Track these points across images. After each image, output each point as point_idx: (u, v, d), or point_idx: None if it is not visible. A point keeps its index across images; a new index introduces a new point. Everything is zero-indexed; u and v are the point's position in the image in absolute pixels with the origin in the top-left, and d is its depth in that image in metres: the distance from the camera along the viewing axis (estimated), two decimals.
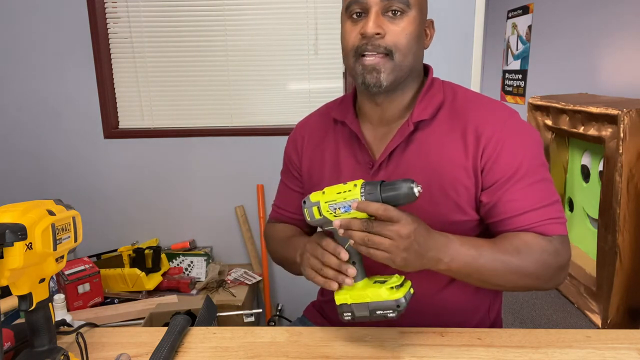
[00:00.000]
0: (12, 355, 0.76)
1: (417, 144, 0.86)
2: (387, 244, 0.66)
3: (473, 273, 0.75)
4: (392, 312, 0.69)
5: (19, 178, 2.23)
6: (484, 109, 0.86)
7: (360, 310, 0.71)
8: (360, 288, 0.71)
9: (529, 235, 0.80)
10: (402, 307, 0.68)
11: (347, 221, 0.68)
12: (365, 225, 0.67)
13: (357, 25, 0.82)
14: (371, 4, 0.80)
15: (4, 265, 0.60)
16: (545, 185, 0.83)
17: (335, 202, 0.70)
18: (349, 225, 0.68)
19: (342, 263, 0.72)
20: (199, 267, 2.13)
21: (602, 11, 2.79)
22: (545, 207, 0.81)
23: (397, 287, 0.70)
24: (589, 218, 2.51)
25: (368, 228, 0.66)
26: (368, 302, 0.70)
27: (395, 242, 0.66)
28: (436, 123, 0.86)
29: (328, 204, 0.71)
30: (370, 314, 0.70)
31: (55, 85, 2.13)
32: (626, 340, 0.77)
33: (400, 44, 0.81)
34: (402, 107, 0.89)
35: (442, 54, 1.99)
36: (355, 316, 0.71)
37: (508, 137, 0.82)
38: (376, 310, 0.69)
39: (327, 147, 0.95)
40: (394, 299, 0.68)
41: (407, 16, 0.81)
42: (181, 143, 2.18)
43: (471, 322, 0.91)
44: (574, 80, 3.13)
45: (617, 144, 2.03)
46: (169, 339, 0.78)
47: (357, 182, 0.70)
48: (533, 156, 0.83)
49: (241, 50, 2.10)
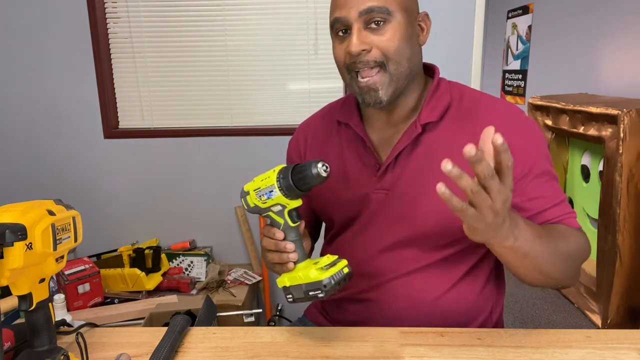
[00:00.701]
0: (12, 355, 0.76)
1: (425, 146, 0.85)
2: (487, 204, 0.57)
3: (529, 255, 0.70)
4: (320, 292, 0.69)
5: (19, 178, 2.23)
6: (493, 108, 0.85)
7: (297, 292, 0.72)
8: (298, 269, 0.73)
9: (561, 225, 0.81)
10: (330, 287, 0.68)
11: (459, 173, 0.56)
12: (489, 173, 0.56)
13: (344, 43, 0.82)
14: (352, 20, 0.79)
15: (4, 265, 0.60)
16: (557, 183, 0.85)
17: (260, 189, 0.72)
18: (476, 167, 0.56)
19: (278, 242, 0.73)
20: (199, 267, 2.13)
21: (602, 11, 2.79)
22: (561, 203, 0.83)
23: (326, 267, 0.70)
24: (589, 218, 2.51)
25: (487, 177, 0.56)
26: (302, 283, 0.71)
27: (496, 205, 0.58)
28: (444, 124, 0.85)
29: (255, 192, 0.73)
30: (304, 295, 0.71)
31: (55, 85, 2.13)
32: (626, 340, 0.77)
33: (390, 53, 0.79)
34: (408, 110, 0.88)
35: (442, 54, 1.99)
36: (295, 297, 0.73)
37: (520, 136, 0.82)
38: (309, 291, 0.70)
39: (332, 149, 0.95)
40: (321, 279, 0.68)
41: (390, 24, 0.79)
42: (181, 143, 2.18)
43: (474, 324, 0.91)
44: (574, 80, 3.13)
45: (617, 144, 2.03)
46: (169, 339, 0.78)
47: (276, 168, 0.71)
48: (544, 154, 0.84)
49: (241, 50, 2.10)
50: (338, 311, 0.98)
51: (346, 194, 0.90)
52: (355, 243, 0.91)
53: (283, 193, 0.70)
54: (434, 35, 2.08)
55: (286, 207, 0.72)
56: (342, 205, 0.92)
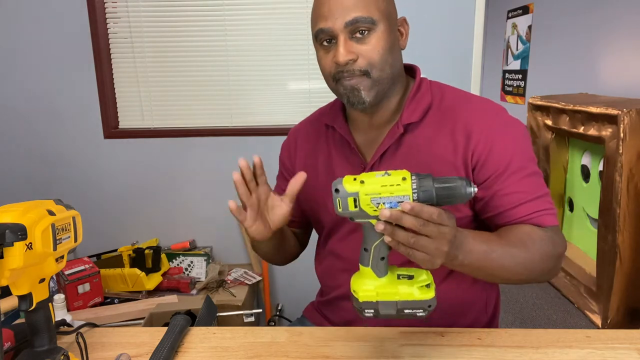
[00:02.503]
0: (12, 355, 0.76)
1: (407, 146, 0.87)
2: (432, 248, 0.61)
3: (483, 267, 0.73)
4: (422, 311, 0.64)
5: (19, 178, 2.23)
6: (472, 107, 0.87)
7: (386, 309, 0.65)
8: (386, 284, 0.65)
9: (527, 227, 0.81)
10: (433, 306, 0.64)
11: (398, 216, 0.59)
12: (421, 224, 0.59)
13: (330, 53, 0.84)
14: (337, 31, 0.80)
15: (4, 265, 0.60)
16: (536, 178, 0.85)
17: (380, 196, 0.61)
18: (399, 221, 0.60)
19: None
20: (199, 267, 2.13)
21: (602, 11, 2.79)
22: (537, 198, 0.83)
23: (427, 286, 0.65)
24: (589, 218, 2.51)
25: (421, 229, 0.59)
26: (397, 300, 0.64)
27: (439, 244, 0.62)
28: (425, 124, 0.87)
29: (370, 196, 0.62)
30: (397, 313, 0.65)
31: (56, 85, 2.13)
32: (626, 340, 0.77)
33: (374, 62, 0.81)
34: (390, 112, 0.90)
35: (442, 54, 1.99)
36: (379, 314, 0.66)
37: (498, 133, 0.83)
38: (404, 309, 0.64)
39: (321, 151, 0.97)
40: (427, 298, 0.63)
41: (375, 32, 0.81)
42: (181, 143, 2.18)
43: (468, 317, 0.92)
44: (574, 80, 3.13)
45: (617, 144, 2.03)
46: (169, 339, 0.78)
47: (402, 172, 0.62)
48: (523, 150, 0.85)
49: (241, 50, 2.10)
50: (334, 310, 1.00)
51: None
52: (347, 242, 0.93)
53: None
54: (434, 35, 2.09)
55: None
56: (330, 205, 0.92)
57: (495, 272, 0.75)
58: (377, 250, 0.65)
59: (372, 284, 0.65)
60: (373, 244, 0.64)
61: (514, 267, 0.76)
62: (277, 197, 0.83)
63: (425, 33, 1.96)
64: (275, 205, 0.83)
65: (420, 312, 0.64)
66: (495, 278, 0.79)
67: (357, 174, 0.89)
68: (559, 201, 2.72)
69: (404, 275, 0.66)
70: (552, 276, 0.84)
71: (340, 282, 0.95)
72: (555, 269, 0.83)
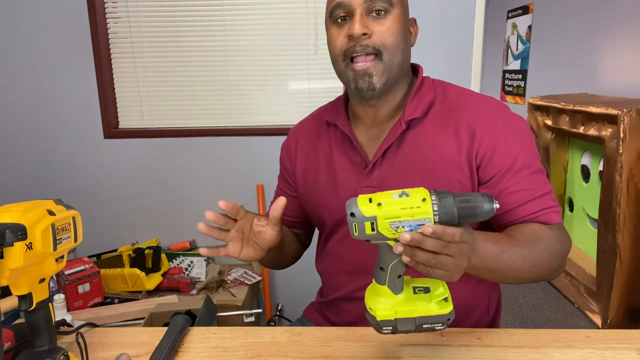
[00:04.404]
0: (12, 355, 0.76)
1: (410, 142, 0.86)
2: (452, 265, 0.60)
3: (494, 269, 0.72)
4: (441, 325, 0.63)
5: (19, 178, 2.23)
6: (475, 104, 0.87)
7: (405, 325, 0.63)
8: (403, 301, 0.63)
9: (534, 225, 0.81)
10: (452, 319, 0.63)
11: (420, 239, 0.57)
12: (442, 246, 0.58)
13: (343, 29, 0.83)
14: (355, 5, 0.81)
15: (4, 265, 0.60)
16: (541, 175, 0.85)
17: (400, 220, 0.58)
18: (420, 244, 0.58)
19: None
20: (199, 267, 2.13)
21: (602, 11, 2.79)
22: (543, 196, 0.83)
23: (445, 299, 0.63)
24: (589, 218, 2.51)
25: (442, 250, 0.58)
26: (415, 317, 0.63)
27: (459, 261, 0.61)
28: (428, 121, 0.87)
29: (389, 220, 0.58)
30: (416, 328, 0.63)
31: (56, 85, 2.13)
32: (626, 340, 0.77)
33: (388, 43, 0.82)
34: (394, 107, 0.90)
35: (442, 54, 1.99)
36: (397, 330, 0.64)
37: (502, 131, 0.83)
38: (423, 324, 0.63)
39: (322, 149, 0.96)
40: (446, 312, 0.62)
41: (391, 15, 0.82)
42: (181, 143, 2.18)
43: (471, 319, 0.92)
44: (574, 80, 3.13)
45: (617, 144, 2.03)
46: (169, 339, 0.78)
47: (421, 192, 0.59)
48: (527, 147, 0.85)
49: (241, 50, 2.10)
50: (335, 311, 0.99)
51: (335, 192, 0.92)
52: (348, 243, 0.92)
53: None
54: (434, 35, 2.08)
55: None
56: (331, 204, 0.92)
57: (506, 273, 0.75)
58: (394, 269, 0.63)
59: (390, 302, 0.63)
60: (390, 263, 0.62)
61: (525, 267, 0.76)
62: (262, 222, 0.81)
63: (425, 33, 1.95)
64: (261, 231, 0.81)
65: (439, 325, 0.63)
66: (505, 278, 0.78)
67: (359, 172, 0.88)
68: (559, 201, 2.71)
69: (420, 288, 0.65)
70: (559, 274, 0.84)
71: (342, 284, 0.94)
72: (563, 266, 0.84)
